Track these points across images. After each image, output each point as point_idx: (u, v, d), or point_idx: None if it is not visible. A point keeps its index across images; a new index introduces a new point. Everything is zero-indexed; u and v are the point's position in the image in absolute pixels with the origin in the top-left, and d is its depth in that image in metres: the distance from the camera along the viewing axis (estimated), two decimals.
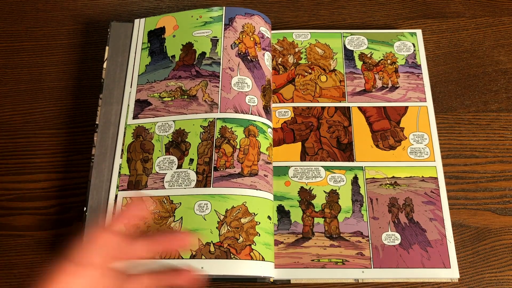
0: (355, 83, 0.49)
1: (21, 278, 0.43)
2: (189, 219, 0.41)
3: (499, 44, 0.53)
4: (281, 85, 0.49)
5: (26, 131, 0.48)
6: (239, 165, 0.42)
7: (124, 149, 0.44)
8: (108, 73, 0.48)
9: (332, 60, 0.50)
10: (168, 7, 0.55)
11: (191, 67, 0.47)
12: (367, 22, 0.54)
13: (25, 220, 0.45)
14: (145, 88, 0.47)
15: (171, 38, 0.49)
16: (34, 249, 0.44)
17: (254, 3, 0.56)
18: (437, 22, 0.54)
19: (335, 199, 0.44)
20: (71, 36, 0.53)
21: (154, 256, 0.38)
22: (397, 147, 0.46)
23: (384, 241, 0.42)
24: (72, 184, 0.46)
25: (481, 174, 0.46)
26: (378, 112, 0.47)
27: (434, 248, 0.41)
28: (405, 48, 0.50)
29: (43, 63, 0.52)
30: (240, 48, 0.47)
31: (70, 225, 0.44)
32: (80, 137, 0.48)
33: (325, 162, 0.45)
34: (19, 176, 0.46)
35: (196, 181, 0.42)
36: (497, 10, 0.55)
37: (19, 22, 0.54)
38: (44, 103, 0.50)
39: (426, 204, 0.43)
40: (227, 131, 0.43)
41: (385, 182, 0.44)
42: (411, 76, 0.49)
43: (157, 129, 0.45)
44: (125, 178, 0.43)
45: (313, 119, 0.47)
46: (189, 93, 0.46)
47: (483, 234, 0.44)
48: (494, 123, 0.49)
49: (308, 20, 0.55)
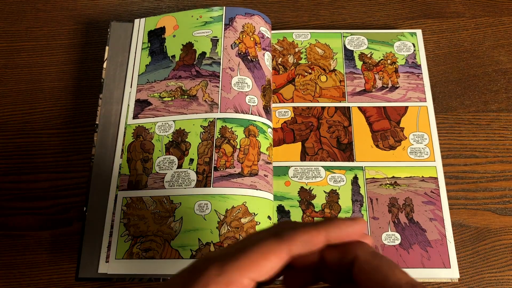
0: (355, 83, 0.49)
1: (21, 278, 0.43)
2: (189, 219, 0.41)
3: (499, 44, 0.53)
4: (281, 85, 0.49)
5: (26, 131, 0.48)
6: (239, 165, 0.42)
7: (124, 149, 0.44)
8: (108, 73, 0.48)
9: (332, 60, 0.50)
10: (168, 7, 0.55)
11: (191, 67, 0.47)
12: (367, 22, 0.54)
13: (25, 220, 0.45)
14: (145, 88, 0.47)
15: (171, 38, 0.49)
16: (34, 249, 0.44)
17: (254, 3, 0.56)
18: (437, 22, 0.54)
19: (335, 199, 0.44)
20: (71, 36, 0.53)
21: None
22: (397, 147, 0.46)
23: (384, 241, 0.42)
24: (72, 184, 0.46)
25: (481, 174, 0.46)
26: (378, 112, 0.47)
27: (434, 248, 0.41)
28: (405, 48, 0.50)
29: (43, 63, 0.52)
30: (240, 48, 0.47)
31: (70, 225, 0.44)
32: (80, 137, 0.48)
33: (325, 162, 0.45)
34: (19, 176, 0.46)
35: (196, 181, 0.42)
36: (497, 10, 0.55)
37: (19, 22, 0.54)
38: (44, 103, 0.50)
39: (426, 204, 0.43)
40: (227, 131, 0.43)
41: (385, 182, 0.44)
42: (411, 76, 0.49)
43: (157, 129, 0.45)
44: (125, 178, 0.43)
45: (313, 119, 0.47)
46: (189, 93, 0.46)
47: (483, 234, 0.44)
48: (494, 123, 0.49)
49: (308, 20, 0.55)
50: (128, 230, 0.41)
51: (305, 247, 0.20)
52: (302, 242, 0.20)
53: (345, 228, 0.21)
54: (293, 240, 0.20)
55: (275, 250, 0.20)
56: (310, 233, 0.20)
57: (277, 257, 0.20)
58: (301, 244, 0.20)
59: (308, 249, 0.20)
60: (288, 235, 0.20)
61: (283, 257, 0.20)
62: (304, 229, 0.21)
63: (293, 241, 0.20)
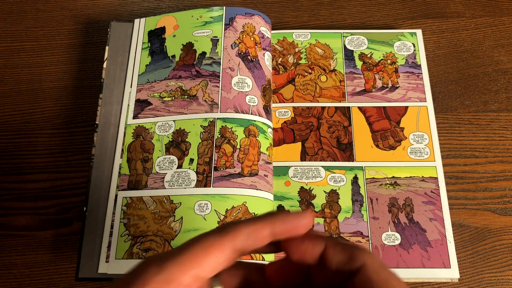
0: (355, 83, 0.49)
1: (21, 278, 0.43)
2: (189, 219, 0.41)
3: (499, 44, 0.53)
4: (281, 85, 0.49)
5: (26, 131, 0.48)
6: (239, 165, 0.42)
7: (124, 149, 0.44)
8: (108, 73, 0.48)
9: (332, 60, 0.50)
10: (168, 7, 0.55)
11: (191, 67, 0.47)
12: (367, 22, 0.54)
13: (25, 220, 0.45)
14: (145, 88, 0.47)
15: (171, 38, 0.49)
16: (34, 249, 0.44)
17: (254, 3, 0.56)
18: (437, 22, 0.54)
19: (335, 199, 0.44)
20: (71, 36, 0.53)
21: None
22: (397, 147, 0.46)
23: (384, 241, 0.42)
24: (72, 184, 0.46)
25: (481, 174, 0.46)
26: (378, 112, 0.47)
27: (434, 248, 0.41)
28: (405, 48, 0.50)
29: (43, 63, 0.52)
30: (240, 48, 0.47)
31: (70, 225, 0.44)
32: (80, 137, 0.48)
33: (325, 162, 0.45)
34: (19, 176, 0.46)
35: (196, 181, 0.42)
36: (497, 10, 0.55)
37: (19, 22, 0.54)
38: (44, 103, 0.50)
39: (426, 204, 0.43)
40: (227, 131, 0.43)
41: (385, 182, 0.44)
42: (411, 76, 0.49)
43: (157, 129, 0.45)
44: (125, 178, 0.43)
45: (313, 119, 0.47)
46: (189, 93, 0.46)
47: (483, 234, 0.44)
48: (494, 123, 0.49)
49: (308, 20, 0.55)
50: (128, 230, 0.41)
51: (249, 240, 0.20)
52: (245, 235, 0.20)
53: (291, 221, 0.21)
54: (236, 233, 0.20)
55: (217, 244, 0.19)
56: (253, 225, 0.20)
57: (219, 252, 0.19)
58: (244, 237, 0.20)
59: (253, 242, 0.20)
60: (230, 229, 0.20)
61: (226, 251, 0.19)
62: (247, 222, 0.20)
63: (235, 234, 0.20)
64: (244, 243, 0.20)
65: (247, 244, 0.20)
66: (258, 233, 0.20)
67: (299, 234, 0.21)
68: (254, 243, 0.20)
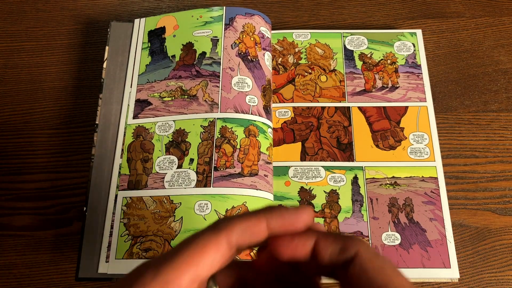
0: (355, 83, 0.49)
1: (21, 278, 0.43)
2: (189, 219, 0.41)
3: (499, 44, 0.53)
4: (281, 85, 0.49)
5: (26, 131, 0.48)
6: (239, 165, 0.42)
7: (124, 149, 0.44)
8: (108, 73, 0.48)
9: (332, 60, 0.50)
10: (168, 7, 0.55)
11: (191, 67, 0.47)
12: (367, 22, 0.54)
13: (25, 220, 0.45)
14: (145, 88, 0.47)
15: (172, 38, 0.49)
16: (34, 249, 0.44)
17: (254, 3, 0.56)
18: (437, 22, 0.54)
19: (335, 199, 0.44)
20: (71, 36, 0.53)
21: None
22: (397, 147, 0.46)
23: (384, 241, 0.42)
24: (72, 184, 0.46)
25: (481, 174, 0.46)
26: (378, 112, 0.47)
27: (434, 248, 0.41)
28: (405, 48, 0.50)
29: (43, 63, 0.52)
30: (241, 48, 0.47)
31: (70, 225, 0.44)
32: (80, 137, 0.48)
33: (325, 162, 0.45)
34: (19, 176, 0.46)
35: (196, 181, 0.42)
36: (497, 10, 0.55)
37: (19, 22, 0.54)
38: (44, 103, 0.50)
39: (426, 204, 0.43)
40: (227, 131, 0.43)
41: (385, 182, 0.44)
42: (411, 76, 0.49)
43: (157, 129, 0.45)
44: (125, 178, 0.43)
45: (313, 119, 0.47)
46: (189, 93, 0.46)
47: (483, 234, 0.44)
48: (494, 123, 0.49)
49: (308, 20, 0.55)
50: (128, 230, 0.41)
51: (245, 235, 0.19)
52: (240, 230, 0.19)
53: (288, 216, 0.20)
54: (231, 229, 0.19)
55: (212, 242, 0.19)
56: (248, 220, 0.20)
57: (215, 250, 0.19)
58: (240, 232, 0.19)
59: (249, 237, 0.19)
60: (224, 225, 0.19)
61: (222, 249, 0.19)
62: (241, 217, 0.20)
63: (230, 230, 0.19)
64: (239, 238, 0.19)
65: (243, 239, 0.19)
66: (254, 228, 0.20)
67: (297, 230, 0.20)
68: (250, 238, 0.20)
